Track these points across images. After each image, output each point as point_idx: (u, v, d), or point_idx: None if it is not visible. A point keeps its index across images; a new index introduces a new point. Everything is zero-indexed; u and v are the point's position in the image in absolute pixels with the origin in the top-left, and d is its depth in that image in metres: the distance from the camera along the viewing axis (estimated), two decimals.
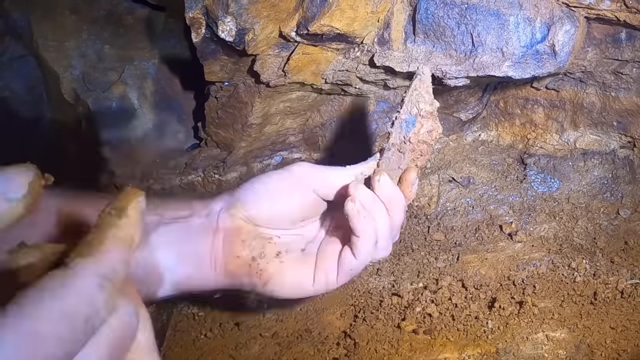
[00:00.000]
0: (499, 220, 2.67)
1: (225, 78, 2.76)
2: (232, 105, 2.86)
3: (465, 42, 2.41)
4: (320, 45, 2.54)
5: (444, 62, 2.45)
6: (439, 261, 2.48)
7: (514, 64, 2.38)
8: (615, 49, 2.44)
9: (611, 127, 2.66)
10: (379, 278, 2.45)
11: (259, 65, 2.60)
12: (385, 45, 2.52)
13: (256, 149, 3.04)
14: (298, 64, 2.59)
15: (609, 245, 2.41)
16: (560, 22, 2.30)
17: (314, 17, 2.37)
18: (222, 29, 2.43)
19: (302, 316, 2.32)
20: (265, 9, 2.38)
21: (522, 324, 2.04)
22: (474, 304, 2.17)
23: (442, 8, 2.38)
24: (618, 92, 2.58)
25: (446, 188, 2.84)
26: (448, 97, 2.85)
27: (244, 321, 2.33)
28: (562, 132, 2.77)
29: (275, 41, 2.54)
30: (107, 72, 3.30)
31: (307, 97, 2.87)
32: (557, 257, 2.37)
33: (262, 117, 2.88)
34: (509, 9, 2.34)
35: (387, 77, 2.68)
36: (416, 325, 2.13)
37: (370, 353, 2.05)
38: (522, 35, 2.34)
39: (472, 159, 2.90)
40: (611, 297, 2.10)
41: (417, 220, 2.77)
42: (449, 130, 2.93)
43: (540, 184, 2.75)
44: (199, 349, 2.26)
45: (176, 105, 3.36)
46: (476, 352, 1.97)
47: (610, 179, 2.68)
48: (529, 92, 2.81)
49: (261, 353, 2.18)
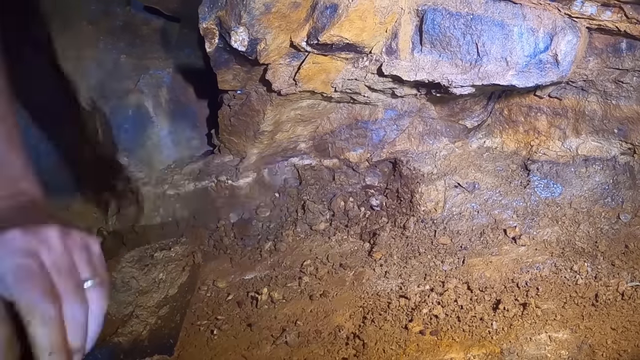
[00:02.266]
0: (503, 224, 2.68)
1: (237, 86, 2.77)
2: (245, 113, 2.87)
3: (471, 51, 2.42)
4: (330, 55, 2.55)
5: (450, 71, 2.46)
6: (445, 264, 2.49)
7: (517, 73, 2.39)
8: (616, 59, 2.45)
9: (612, 135, 2.66)
10: (387, 281, 2.46)
11: (271, 74, 2.61)
12: (393, 54, 2.53)
13: (268, 155, 3.05)
14: (308, 73, 2.60)
15: (609, 248, 2.42)
16: (562, 32, 2.31)
17: (324, 27, 2.38)
18: (234, 39, 2.45)
19: (313, 317, 2.33)
20: (277, 19, 2.39)
21: (526, 325, 2.05)
22: (479, 306, 2.18)
23: (448, 19, 2.40)
24: (619, 100, 2.59)
25: (452, 193, 2.84)
26: (454, 105, 2.86)
27: (255, 322, 2.34)
28: (564, 139, 2.77)
29: (286, 51, 2.55)
30: (123, 80, 3.31)
31: (317, 105, 2.88)
32: (560, 260, 2.37)
33: (273, 124, 2.88)
34: (512, 19, 2.35)
35: (395, 85, 2.69)
36: (423, 326, 2.13)
37: (379, 353, 2.06)
38: (525, 45, 2.35)
39: (477, 165, 2.91)
40: (612, 299, 2.11)
41: (424, 224, 2.78)
42: (455, 138, 2.94)
43: (544, 189, 2.76)
44: (212, 349, 2.27)
45: (190, 113, 3.37)
46: (481, 352, 1.98)
47: (611, 185, 2.68)
48: (532, 100, 2.82)
49: (272, 353, 2.18)
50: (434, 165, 2.90)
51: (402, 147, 2.93)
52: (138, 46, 3.38)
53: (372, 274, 2.53)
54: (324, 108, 2.92)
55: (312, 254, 2.76)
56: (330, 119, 2.99)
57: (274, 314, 2.39)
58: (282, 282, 2.58)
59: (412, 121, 2.91)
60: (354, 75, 2.66)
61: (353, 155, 3.00)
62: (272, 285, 2.58)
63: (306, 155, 3.10)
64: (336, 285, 2.51)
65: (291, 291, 2.52)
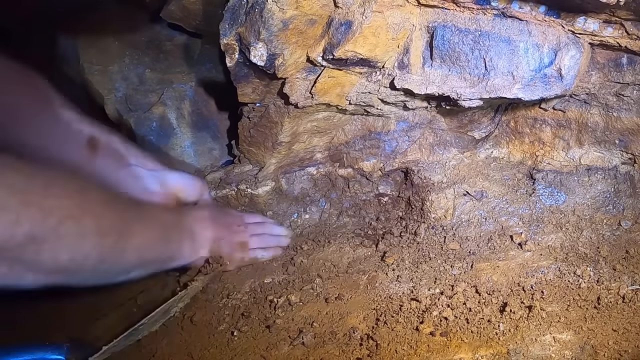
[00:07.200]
0: (509, 230, 2.68)
1: (257, 99, 2.79)
2: (264, 125, 2.89)
3: (479, 66, 2.43)
4: (344, 69, 2.57)
5: (459, 85, 2.47)
6: (454, 269, 2.50)
7: (523, 87, 2.40)
8: (617, 73, 2.46)
9: (613, 145, 2.66)
10: (399, 284, 2.47)
11: (288, 88, 2.63)
12: (404, 69, 2.55)
13: (285, 164, 3.06)
14: (324, 86, 2.61)
15: (611, 254, 2.42)
16: (566, 47, 2.32)
17: (339, 43, 2.40)
18: (254, 54, 2.47)
19: (328, 320, 2.33)
20: (294, 35, 2.41)
21: (531, 327, 2.05)
22: (487, 308, 2.18)
23: (457, 35, 2.41)
24: (620, 112, 2.59)
25: (461, 201, 2.85)
26: (463, 117, 2.87)
27: (273, 324, 2.35)
28: (568, 149, 2.78)
29: (303, 65, 2.57)
30: (148, 94, 3.33)
31: (332, 117, 2.89)
32: (564, 265, 2.37)
33: (291, 135, 2.90)
34: (519, 35, 2.36)
35: (407, 98, 2.70)
36: (433, 327, 2.14)
37: (391, 353, 2.07)
38: (531, 60, 2.36)
39: (485, 174, 2.91)
40: (613, 302, 2.11)
41: (434, 230, 2.79)
42: (464, 148, 2.94)
43: (548, 197, 2.76)
44: (233, 350, 2.28)
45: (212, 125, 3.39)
46: (489, 352, 1.98)
47: (612, 193, 2.69)
48: (537, 112, 2.82)
49: (290, 354, 2.19)
50: (444, 175, 2.91)
51: (413, 157, 2.94)
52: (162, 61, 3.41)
53: (385, 278, 2.53)
54: (339, 120, 2.94)
55: (327, 259, 2.77)
56: (345, 130, 3.01)
57: (291, 316, 2.40)
58: (299, 286, 2.59)
59: (422, 132, 2.92)
60: (367, 88, 2.68)
61: (367, 164, 3.01)
62: (289, 288, 2.58)
63: (322, 165, 3.11)
64: (351, 289, 2.52)
65: (307, 294, 2.52)
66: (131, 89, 3.33)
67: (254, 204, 3.07)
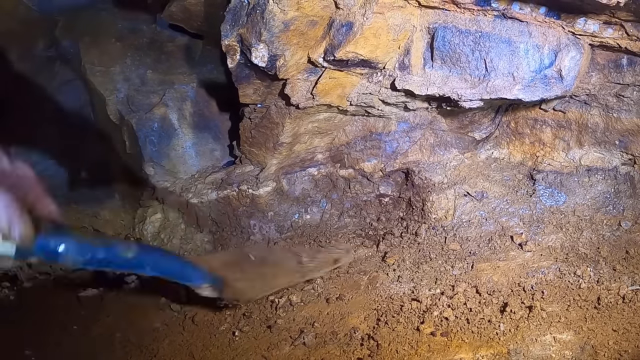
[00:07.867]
0: (510, 231, 2.68)
1: (258, 100, 2.79)
2: (265, 126, 2.88)
3: (479, 67, 2.43)
4: (345, 71, 2.57)
5: (460, 86, 2.47)
6: (455, 269, 2.50)
7: (524, 88, 2.40)
8: (617, 74, 2.46)
9: (613, 146, 2.66)
10: (400, 284, 2.47)
11: (289, 89, 2.63)
12: (405, 70, 2.54)
13: (287, 165, 3.06)
14: (325, 87, 2.61)
15: (611, 254, 2.42)
16: (566, 49, 2.32)
17: (340, 44, 2.40)
18: (255, 55, 2.47)
19: (329, 320, 2.33)
20: (295, 37, 2.41)
21: (532, 327, 2.05)
22: (487, 309, 2.18)
23: (457, 36, 2.41)
24: (620, 113, 2.59)
25: (462, 202, 2.85)
26: (463, 118, 2.86)
27: (275, 324, 2.35)
28: (568, 150, 2.78)
29: (304, 66, 2.57)
30: (149, 95, 3.33)
31: (333, 118, 2.89)
32: (564, 265, 2.37)
33: (292, 136, 2.90)
34: (519, 36, 2.36)
35: (407, 99, 2.70)
36: (434, 328, 2.14)
37: (392, 354, 2.07)
38: (531, 61, 2.36)
39: (485, 175, 2.91)
40: (613, 302, 2.11)
41: (435, 231, 2.79)
42: (464, 149, 2.94)
43: (548, 198, 2.76)
44: (234, 350, 2.29)
45: (213, 126, 3.39)
46: (489, 352, 1.98)
47: (612, 194, 2.68)
48: (537, 113, 2.82)
49: (291, 354, 2.19)
50: (445, 175, 2.91)
51: (414, 157, 2.94)
52: (163, 62, 3.41)
53: (386, 278, 2.53)
54: (339, 121, 2.93)
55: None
56: (346, 131, 3.00)
57: (293, 316, 2.40)
58: (300, 286, 2.59)
59: (423, 133, 2.92)
60: (368, 89, 2.68)
61: (367, 165, 3.01)
62: (290, 289, 2.58)
63: (323, 166, 3.11)
64: (351, 289, 2.52)
65: (309, 294, 2.53)
66: (133, 89, 3.33)
67: (255, 204, 3.06)
